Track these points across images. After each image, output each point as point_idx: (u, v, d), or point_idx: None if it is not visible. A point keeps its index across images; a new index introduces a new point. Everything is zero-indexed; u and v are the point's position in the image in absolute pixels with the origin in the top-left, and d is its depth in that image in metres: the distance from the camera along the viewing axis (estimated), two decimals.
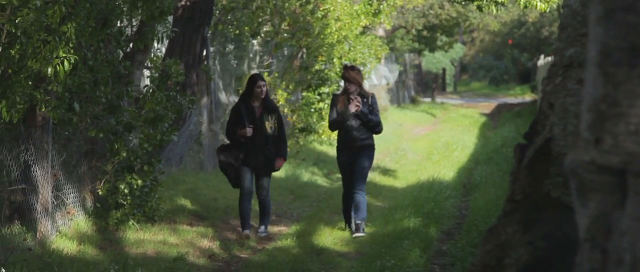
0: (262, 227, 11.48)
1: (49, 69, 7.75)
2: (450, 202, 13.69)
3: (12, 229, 9.60)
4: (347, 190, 11.39)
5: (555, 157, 4.07)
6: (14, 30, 7.59)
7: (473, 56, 71.07)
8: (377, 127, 11.37)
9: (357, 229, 11.30)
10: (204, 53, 16.54)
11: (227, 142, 11.63)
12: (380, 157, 21.45)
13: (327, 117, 19.95)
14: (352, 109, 11.16)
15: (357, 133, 11.19)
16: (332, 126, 11.43)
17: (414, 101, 44.05)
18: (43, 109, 8.84)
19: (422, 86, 51.92)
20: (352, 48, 18.53)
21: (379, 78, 34.06)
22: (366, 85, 30.98)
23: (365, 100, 11.23)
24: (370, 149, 11.34)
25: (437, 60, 56.47)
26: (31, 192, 9.75)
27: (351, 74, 11.21)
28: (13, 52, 7.74)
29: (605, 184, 2.67)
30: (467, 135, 26.28)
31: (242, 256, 10.46)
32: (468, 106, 42.00)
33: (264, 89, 11.14)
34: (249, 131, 10.91)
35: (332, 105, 11.40)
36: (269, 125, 11.07)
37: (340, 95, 11.44)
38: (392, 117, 32.99)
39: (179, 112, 11.59)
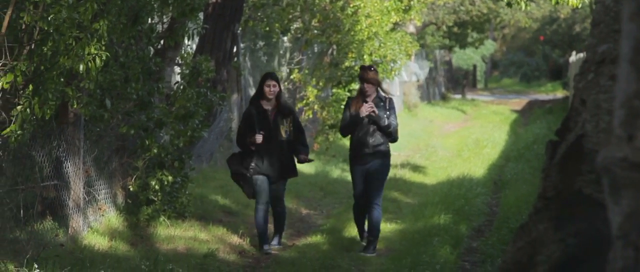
0: (275, 240, 10.64)
1: (81, 66, 7.79)
2: (480, 199, 13.63)
3: (44, 224, 9.68)
4: (358, 200, 10.36)
5: (587, 154, 4.04)
6: (46, 28, 7.63)
7: (504, 53, 70.73)
8: (393, 134, 10.30)
9: (367, 248, 10.25)
10: (235, 50, 16.57)
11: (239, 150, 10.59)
12: (410, 153, 21.41)
13: None
14: (364, 112, 10.12)
15: (371, 138, 10.13)
16: (343, 130, 10.42)
17: (444, 98, 43.90)
18: (75, 106, 8.90)
19: (453, 83, 51.74)
20: (382, 44, 18.48)
21: (409, 75, 33.98)
22: (392, 84, 30.98)
23: (382, 104, 10.19)
24: (385, 156, 10.24)
25: (467, 57, 56.23)
26: (63, 188, 9.82)
27: (369, 73, 10.10)
28: (45, 49, 7.79)
29: (638, 181, 2.65)
30: (497, 132, 26.16)
31: (273, 252, 10.47)
32: (499, 103, 41.80)
33: (274, 89, 10.06)
34: (258, 138, 9.95)
35: (346, 107, 10.35)
36: (284, 129, 10.11)
37: (356, 97, 10.40)
38: (422, 114, 32.90)
39: (209, 108, 11.62)
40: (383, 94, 10.29)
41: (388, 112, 10.18)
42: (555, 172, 4.16)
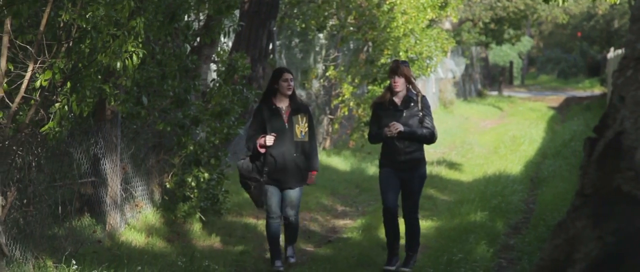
0: (289, 250, 9.54)
1: (118, 63, 7.84)
2: (517, 196, 13.55)
3: (82, 221, 9.75)
4: (389, 213, 9.10)
5: (626, 151, 4.00)
6: (84, 25, 7.69)
7: (541, 49, 70.26)
8: (432, 139, 9.18)
9: (407, 262, 9.21)
10: (270, 47, 16.60)
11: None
12: (446, 151, 21.33)
13: None
14: (389, 133, 8.96)
15: (402, 145, 8.95)
16: (372, 139, 9.27)
17: (480, 95, 43.71)
18: (112, 103, 8.96)
19: (489, 79, 51.49)
20: (418, 41, 18.43)
21: (445, 71, 33.86)
22: (428, 81, 30.88)
23: (413, 104, 8.97)
24: (420, 164, 9.08)
25: (504, 54, 55.93)
26: (101, 185, 9.89)
27: (401, 67, 8.93)
28: (83, 46, 7.85)
29: None
30: (534, 128, 26.00)
31: (308, 249, 10.48)
32: (536, 99, 41.54)
33: (292, 84, 9.08)
34: (269, 140, 8.91)
35: (373, 114, 9.21)
36: (299, 129, 9.07)
37: (383, 95, 9.15)
38: (458, 111, 32.78)
39: (245, 105, 11.64)
40: (414, 91, 9.04)
41: (421, 113, 8.96)
42: (593, 170, 4.12)
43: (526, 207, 13.18)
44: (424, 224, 11.87)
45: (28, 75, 7.70)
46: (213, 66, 13.23)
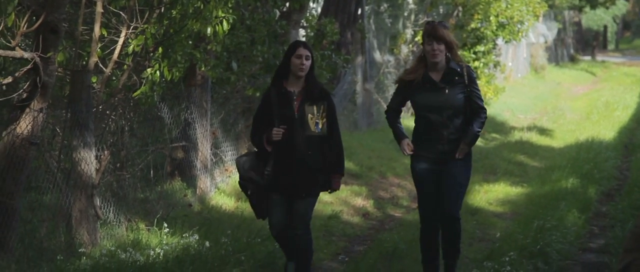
0: None
1: (209, 29, 7.90)
2: (610, 163, 13.31)
3: (173, 185, 9.91)
4: (428, 222, 7.03)
5: None
6: None
7: (637, 13, 68.54)
8: (481, 126, 6.94)
9: None
10: (359, 12, 16.54)
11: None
12: (537, 116, 21.06)
13: (482, 76, 19.66)
14: (406, 152, 6.94)
15: (445, 130, 6.81)
16: (390, 120, 7.18)
17: (573, 60, 42.94)
18: (202, 68, 9.04)
19: (582, 44, 50.50)
20: (509, 5, 18.13)
21: (536, 36, 33.32)
22: (519, 46, 30.37)
23: (457, 78, 6.79)
24: (466, 154, 6.92)
25: (598, 17, 54.73)
26: (191, 150, 10.02)
27: (440, 30, 6.74)
28: (174, 12, 7.93)
29: None
30: (629, 94, 25.44)
31: (396, 214, 10.47)
32: (630, 64, 40.61)
33: (307, 63, 6.81)
34: (276, 135, 6.76)
35: (398, 91, 7.07)
36: (314, 120, 6.85)
37: (412, 68, 6.97)
38: (549, 76, 32.27)
39: (333, 71, 11.64)
40: (456, 63, 6.83)
41: (468, 89, 6.81)
42: None
43: (619, 174, 12.93)
44: (514, 191, 11.75)
45: (121, 40, 7.82)
46: (302, 31, 13.25)
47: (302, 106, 6.81)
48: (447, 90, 6.77)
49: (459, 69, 6.78)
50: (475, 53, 19.31)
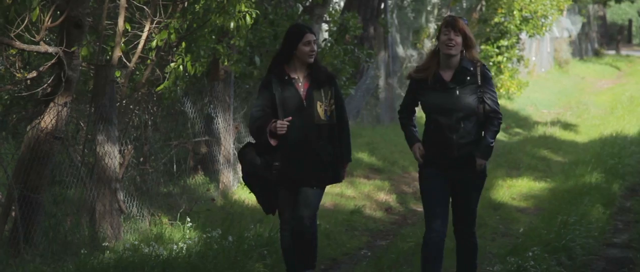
0: None
1: (232, 24, 7.91)
2: (634, 158, 13.23)
3: (196, 179, 9.94)
4: (435, 227, 6.21)
5: None
6: None
7: None
8: (495, 135, 6.31)
9: None
10: (382, 6, 16.51)
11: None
12: (560, 111, 20.95)
13: (506, 71, 19.60)
14: (419, 159, 6.32)
15: (455, 134, 6.17)
16: (402, 119, 6.53)
17: (597, 54, 42.71)
18: (225, 63, 9.06)
19: (606, 38, 50.21)
20: (533, 0, 18.07)
21: (560, 30, 33.16)
22: (543, 41, 30.22)
23: (468, 78, 6.16)
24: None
25: (622, 11, 54.41)
26: (214, 144, 10.04)
27: (460, 21, 6.12)
28: (198, 7, 7.95)
29: None
30: None
31: (419, 209, 10.45)
32: None
33: (316, 48, 6.44)
34: (281, 128, 6.26)
35: (410, 89, 6.39)
36: (322, 107, 6.40)
37: (426, 64, 6.28)
38: (573, 71, 32.11)
39: (356, 65, 11.63)
40: (469, 61, 6.19)
41: (481, 90, 6.18)
42: None
43: None
44: (537, 186, 11.71)
45: (144, 35, 7.84)
46: (325, 26, 13.25)
47: (310, 93, 6.36)
48: (457, 91, 6.16)
49: (471, 68, 6.16)
50: (498, 47, 19.25)
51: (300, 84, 6.37)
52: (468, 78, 6.13)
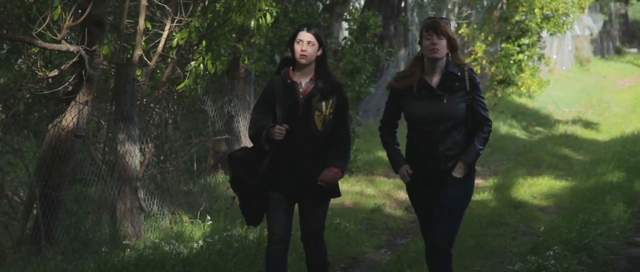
0: None
1: (252, 22, 7.92)
2: None
3: (216, 177, 9.96)
4: (436, 249, 5.79)
5: None
6: None
7: None
8: (485, 142, 5.93)
9: None
10: (402, 5, 16.49)
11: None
12: (581, 109, 20.85)
13: (526, 69, 19.52)
14: (405, 179, 5.88)
15: (442, 145, 5.76)
16: (383, 134, 6.18)
17: (619, 52, 42.50)
18: (245, 61, 9.08)
19: (628, 36, 49.92)
20: None
21: (582, 29, 33.01)
22: (564, 39, 30.12)
23: (456, 84, 5.72)
24: (466, 175, 5.88)
25: None
26: (234, 143, 10.06)
27: (441, 23, 5.68)
28: (218, 5, 7.96)
29: None
30: None
31: None
32: None
33: (310, 49, 5.78)
34: (278, 133, 5.72)
35: (392, 99, 5.95)
36: (320, 117, 5.82)
37: (408, 75, 5.81)
38: (595, 69, 31.97)
39: (376, 64, 11.62)
40: (456, 65, 5.78)
41: (470, 97, 5.75)
42: None
43: None
44: (559, 184, 11.66)
45: (165, 34, 7.87)
46: (345, 24, 13.24)
47: (309, 101, 5.79)
48: (445, 99, 5.70)
49: (459, 73, 5.72)
50: (519, 46, 19.19)
51: (300, 89, 5.83)
52: (456, 84, 5.72)
